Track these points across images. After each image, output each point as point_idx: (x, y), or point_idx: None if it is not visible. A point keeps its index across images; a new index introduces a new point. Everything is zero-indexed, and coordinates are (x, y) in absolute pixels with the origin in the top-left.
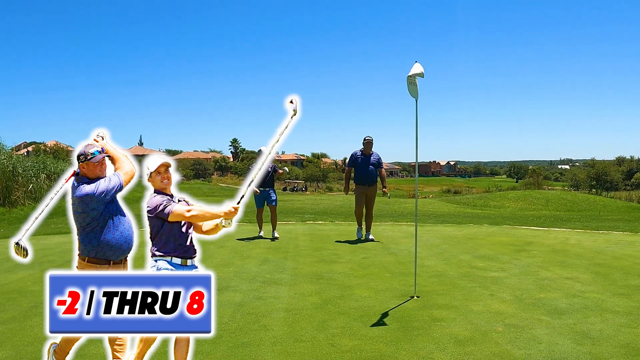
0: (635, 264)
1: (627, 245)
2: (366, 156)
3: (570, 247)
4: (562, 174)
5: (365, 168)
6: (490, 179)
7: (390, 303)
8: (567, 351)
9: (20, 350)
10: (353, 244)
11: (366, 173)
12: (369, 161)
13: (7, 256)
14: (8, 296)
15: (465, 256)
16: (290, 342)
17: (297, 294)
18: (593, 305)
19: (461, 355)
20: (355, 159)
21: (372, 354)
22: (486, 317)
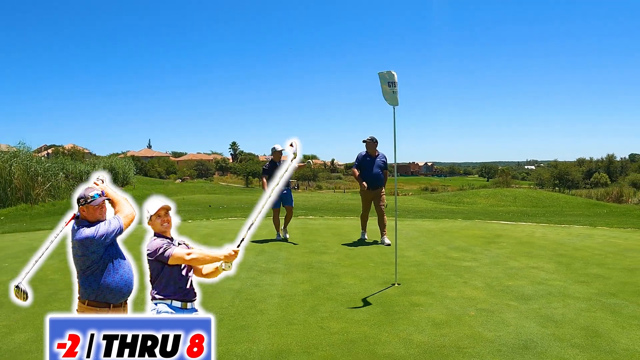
0: (594, 255)
1: (587, 238)
2: (372, 157)
3: (535, 239)
4: (528, 173)
5: (371, 170)
6: (463, 178)
7: (373, 290)
8: (533, 333)
9: (41, 332)
10: (341, 236)
11: (372, 176)
12: (375, 162)
13: (28, 247)
14: (30, 283)
15: (441, 247)
16: (284, 324)
17: (290, 281)
18: (556, 292)
19: (437, 337)
20: (360, 161)
21: (358, 335)
22: (460, 302)
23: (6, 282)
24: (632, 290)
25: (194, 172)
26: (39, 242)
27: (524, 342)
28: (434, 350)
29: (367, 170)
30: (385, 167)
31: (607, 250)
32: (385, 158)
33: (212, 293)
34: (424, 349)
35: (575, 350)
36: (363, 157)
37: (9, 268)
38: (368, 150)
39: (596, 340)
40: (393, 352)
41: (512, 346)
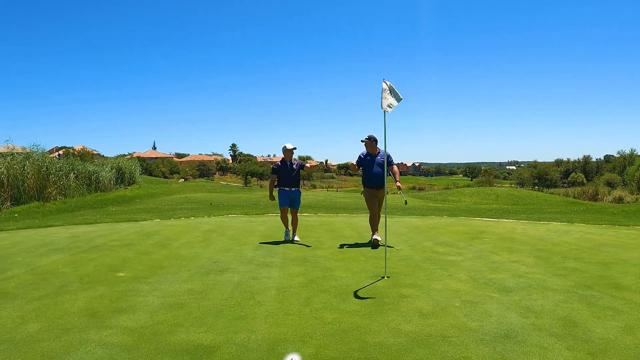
0: (571, 249)
1: (565, 234)
2: (372, 156)
3: (516, 235)
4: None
5: (372, 169)
6: (449, 177)
7: (364, 282)
8: (514, 323)
9: (52, 322)
10: (334, 232)
11: (373, 175)
12: (375, 161)
13: (41, 243)
14: (42, 276)
15: (428, 243)
16: (280, 315)
17: (286, 274)
18: (536, 284)
19: (424, 327)
20: (361, 160)
21: (350, 325)
22: (445, 294)
23: (20, 275)
24: (607, 283)
25: (196, 172)
26: (50, 238)
27: (506, 332)
28: (421, 339)
29: (367, 169)
30: (390, 163)
31: (583, 245)
32: (387, 155)
33: (213, 286)
34: (411, 338)
35: (554, 339)
36: (364, 156)
37: (22, 262)
38: (367, 149)
39: (573, 330)
40: (383, 341)
41: (494, 335)
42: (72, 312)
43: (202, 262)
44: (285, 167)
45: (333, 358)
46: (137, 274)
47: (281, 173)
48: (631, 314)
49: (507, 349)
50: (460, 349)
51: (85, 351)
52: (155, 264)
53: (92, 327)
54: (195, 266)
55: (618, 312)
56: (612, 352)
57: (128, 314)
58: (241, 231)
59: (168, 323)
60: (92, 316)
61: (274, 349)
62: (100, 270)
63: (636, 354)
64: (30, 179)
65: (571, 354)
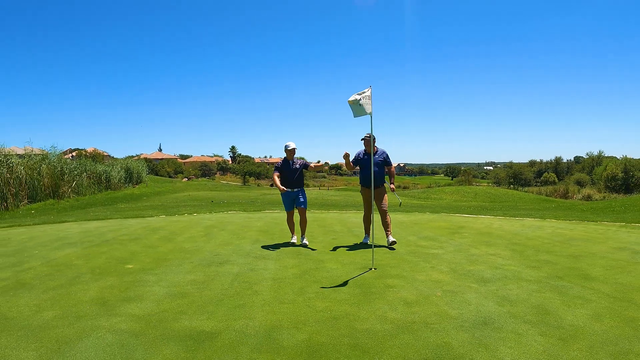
0: (543, 243)
1: (538, 229)
2: (370, 155)
3: (493, 230)
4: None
5: (368, 169)
6: (431, 177)
7: (353, 273)
8: (491, 311)
9: (66, 310)
10: (325, 227)
11: (369, 174)
12: (374, 161)
13: (55, 237)
14: (57, 268)
15: (412, 237)
16: (276, 304)
17: (281, 266)
18: (511, 275)
19: (408, 314)
20: (357, 159)
21: (340, 313)
22: (428, 284)
23: (37, 267)
24: (577, 274)
25: (198, 172)
26: (64, 233)
27: (484, 319)
28: (405, 325)
29: (366, 168)
30: (388, 163)
31: (555, 239)
32: (385, 155)
33: (214, 276)
34: (397, 325)
35: (528, 325)
36: (362, 156)
37: (38, 255)
38: (366, 148)
39: (545, 317)
40: (370, 327)
41: (473, 322)
42: (84, 301)
43: (204, 255)
44: (288, 167)
45: (324, 343)
46: (144, 266)
47: (283, 173)
48: (599, 302)
49: (484, 335)
50: (441, 335)
51: (97, 337)
52: (161, 256)
53: (103, 314)
54: (198, 259)
55: (587, 301)
56: (581, 338)
57: (136, 303)
58: (240, 226)
59: (173, 311)
60: (102, 305)
61: (270, 334)
62: (110, 263)
63: (603, 340)
64: (46, 178)
65: (544, 339)
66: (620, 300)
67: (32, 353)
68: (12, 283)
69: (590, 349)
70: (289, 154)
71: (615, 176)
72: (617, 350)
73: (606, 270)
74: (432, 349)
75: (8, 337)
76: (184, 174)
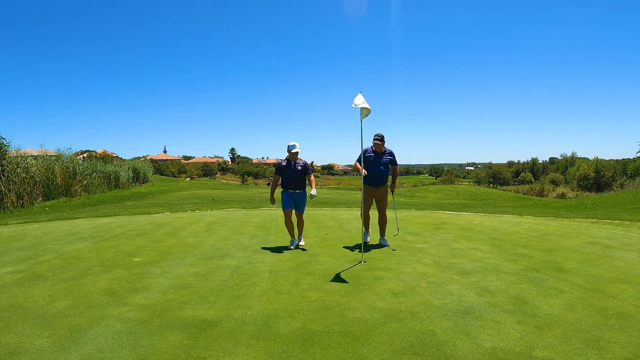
0: (520, 238)
1: (515, 225)
2: (378, 154)
3: (474, 226)
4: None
5: (376, 167)
6: (416, 177)
7: (344, 266)
8: (472, 301)
9: (78, 300)
10: (318, 223)
11: (376, 173)
12: (381, 160)
13: (68, 232)
14: (69, 261)
15: (399, 232)
16: (272, 294)
17: (277, 259)
18: (491, 268)
19: (395, 304)
20: (365, 157)
21: (332, 302)
22: (414, 276)
23: (51, 260)
24: (551, 267)
25: (200, 172)
26: (76, 228)
27: (465, 308)
28: (392, 314)
29: (372, 166)
30: (394, 163)
31: (531, 234)
32: (392, 155)
33: (215, 269)
34: (384, 314)
35: (506, 314)
36: (369, 153)
37: (52, 249)
38: (375, 148)
39: (522, 307)
40: (360, 316)
41: (455, 311)
42: (94, 292)
43: (206, 249)
44: (289, 168)
45: (317, 331)
46: (150, 259)
47: (284, 174)
48: (572, 293)
49: (466, 323)
50: (426, 323)
51: (106, 325)
52: (165, 250)
53: (112, 304)
54: (200, 252)
55: (561, 291)
56: (555, 326)
57: (142, 293)
58: (239, 222)
59: (176, 301)
60: (111, 295)
61: (267, 322)
62: (118, 256)
63: (576, 328)
64: (59, 178)
65: (521, 327)
66: (592, 291)
67: (46, 340)
68: (28, 275)
69: (564, 336)
70: (292, 156)
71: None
72: (589, 338)
73: (579, 263)
74: (417, 336)
75: (24, 325)
76: (187, 174)
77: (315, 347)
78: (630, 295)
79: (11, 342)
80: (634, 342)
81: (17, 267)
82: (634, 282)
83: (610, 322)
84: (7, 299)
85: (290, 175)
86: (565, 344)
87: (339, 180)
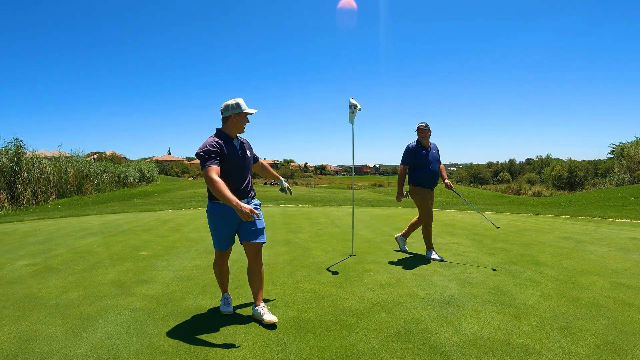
0: (499, 233)
1: (494, 221)
2: (427, 150)
3: (456, 222)
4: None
5: (432, 165)
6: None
7: (336, 259)
8: (455, 292)
9: (88, 291)
10: (311, 220)
11: (434, 172)
12: (432, 155)
13: (79, 228)
14: (80, 255)
15: (387, 228)
16: (269, 285)
17: (273, 253)
18: (471, 261)
19: (383, 295)
20: (417, 155)
21: (324, 293)
22: (400, 269)
23: (63, 254)
24: (528, 260)
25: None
26: (87, 224)
27: (448, 298)
28: (380, 304)
29: (426, 165)
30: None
31: (509, 230)
32: (438, 148)
33: None
34: (373, 304)
35: (486, 304)
36: (418, 150)
37: (65, 243)
38: (422, 140)
39: (501, 297)
40: (350, 305)
41: (438, 301)
42: (104, 283)
43: (207, 243)
44: (234, 152)
45: (311, 319)
46: (155, 253)
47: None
48: (547, 284)
49: (448, 312)
50: (411, 312)
51: (115, 314)
52: (170, 244)
53: (120, 295)
54: (202, 246)
55: (536, 283)
56: (532, 315)
57: (148, 285)
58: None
59: (180, 292)
60: (120, 286)
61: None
62: (126, 250)
63: (551, 317)
64: (71, 177)
65: (499, 316)
66: (565, 283)
67: (59, 328)
68: (42, 267)
69: (540, 324)
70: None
71: (561, 176)
72: (563, 326)
73: (553, 257)
74: (404, 324)
75: (39, 314)
76: (190, 174)
77: (309, 335)
78: (600, 287)
79: (27, 330)
80: (604, 329)
81: (33, 260)
82: (604, 274)
83: (582, 312)
84: (23, 289)
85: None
86: (541, 332)
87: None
